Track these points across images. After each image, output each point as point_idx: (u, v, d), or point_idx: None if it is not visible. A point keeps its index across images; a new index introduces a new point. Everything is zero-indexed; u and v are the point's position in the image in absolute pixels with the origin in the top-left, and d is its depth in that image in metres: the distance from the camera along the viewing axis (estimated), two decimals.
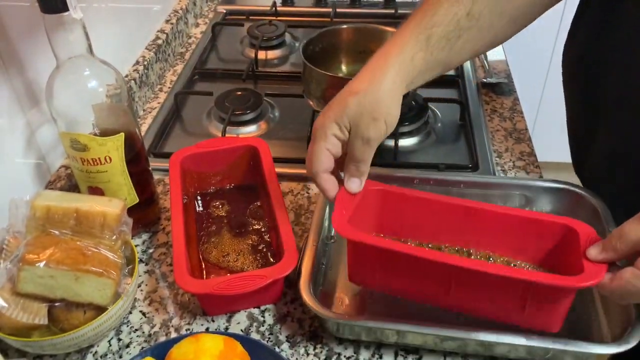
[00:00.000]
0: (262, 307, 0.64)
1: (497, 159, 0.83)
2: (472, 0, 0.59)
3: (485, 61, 1.04)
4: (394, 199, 0.63)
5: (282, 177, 0.80)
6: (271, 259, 0.67)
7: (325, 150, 0.59)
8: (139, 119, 0.93)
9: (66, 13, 0.56)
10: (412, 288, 0.59)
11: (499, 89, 0.97)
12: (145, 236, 0.73)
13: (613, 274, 0.50)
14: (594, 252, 0.52)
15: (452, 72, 1.01)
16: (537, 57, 1.80)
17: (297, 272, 0.61)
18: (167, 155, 0.77)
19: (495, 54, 1.07)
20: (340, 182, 0.61)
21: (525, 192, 0.69)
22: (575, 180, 0.75)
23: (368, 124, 0.57)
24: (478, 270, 0.53)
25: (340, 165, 0.61)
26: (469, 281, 0.55)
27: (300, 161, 0.82)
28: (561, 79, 0.76)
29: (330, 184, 0.60)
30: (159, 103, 0.97)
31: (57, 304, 0.55)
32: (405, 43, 0.60)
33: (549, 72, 1.87)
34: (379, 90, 0.58)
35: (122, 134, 0.64)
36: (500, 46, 1.09)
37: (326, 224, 0.69)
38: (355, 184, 0.60)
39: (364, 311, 0.64)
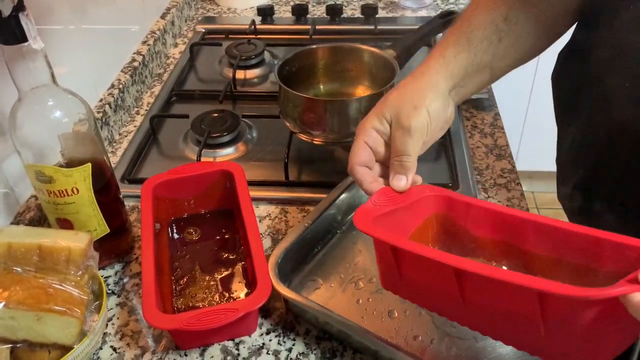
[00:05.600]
0: (237, 340, 0.62)
1: (477, 176, 0.82)
2: (508, 6, 0.60)
3: None
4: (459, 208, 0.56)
5: (260, 200, 0.79)
6: (246, 289, 0.66)
7: (363, 143, 0.58)
8: (114, 144, 0.91)
9: (25, 44, 0.55)
10: (429, 295, 0.54)
11: (479, 104, 0.96)
12: (118, 266, 0.71)
13: None
14: None
15: None
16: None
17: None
18: (141, 181, 0.75)
19: None
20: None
21: None
22: None
23: (408, 113, 0.56)
24: (475, 272, 0.45)
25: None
26: (479, 293, 0.48)
27: (279, 184, 0.82)
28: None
29: (366, 176, 0.58)
30: (135, 126, 0.95)
31: (19, 345, 0.53)
32: (446, 47, 0.61)
33: (537, 72, 1.86)
34: (420, 82, 0.59)
35: (89, 165, 0.62)
36: None
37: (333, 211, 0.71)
38: (401, 181, 0.57)
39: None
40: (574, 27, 0.66)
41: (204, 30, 1.24)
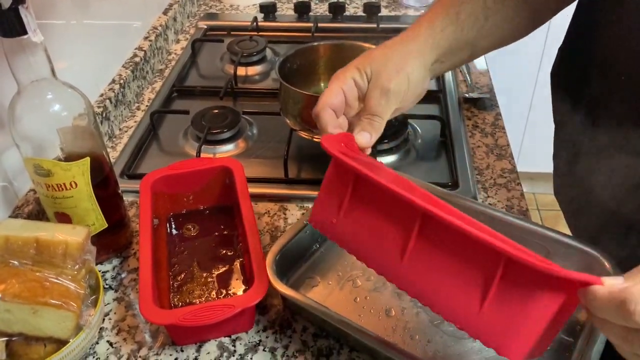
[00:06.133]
0: (234, 336, 0.62)
1: (477, 176, 0.81)
2: None
3: (467, 75, 1.02)
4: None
5: (259, 197, 0.79)
6: (243, 286, 0.66)
7: (339, 88, 0.57)
8: (114, 139, 0.91)
9: (25, 36, 0.54)
10: (368, 241, 0.51)
11: (481, 104, 0.96)
12: (116, 261, 0.71)
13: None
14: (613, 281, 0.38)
15: (433, 87, 1.00)
16: (526, 59, 1.78)
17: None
18: (141, 177, 0.75)
19: (478, 66, 1.06)
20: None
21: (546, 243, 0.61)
22: None
23: (390, 75, 0.57)
24: (432, 214, 0.43)
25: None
26: (435, 245, 0.46)
27: (278, 181, 0.82)
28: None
29: (332, 120, 0.57)
30: (135, 122, 0.95)
31: (15, 338, 0.53)
32: (435, 16, 0.61)
33: (539, 75, 1.85)
34: (408, 46, 0.59)
35: (88, 159, 0.62)
36: (483, 58, 1.08)
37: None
38: (364, 137, 0.56)
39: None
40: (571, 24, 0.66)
41: (206, 27, 1.23)
